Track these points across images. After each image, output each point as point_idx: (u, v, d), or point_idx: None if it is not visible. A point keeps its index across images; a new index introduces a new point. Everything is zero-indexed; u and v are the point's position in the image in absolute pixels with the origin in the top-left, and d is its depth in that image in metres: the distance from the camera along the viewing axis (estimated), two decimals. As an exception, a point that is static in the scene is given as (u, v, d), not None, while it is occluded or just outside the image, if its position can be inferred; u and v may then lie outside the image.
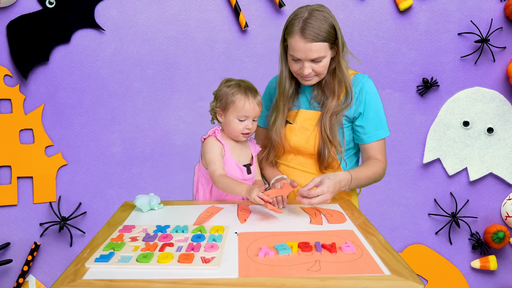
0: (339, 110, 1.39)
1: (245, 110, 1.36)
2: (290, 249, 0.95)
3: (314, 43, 1.29)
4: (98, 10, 2.14)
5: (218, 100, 1.41)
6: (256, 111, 1.38)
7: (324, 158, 1.40)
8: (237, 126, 1.38)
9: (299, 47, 1.30)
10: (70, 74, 2.16)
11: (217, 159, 1.35)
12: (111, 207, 2.18)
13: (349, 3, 2.19)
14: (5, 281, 2.19)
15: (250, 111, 1.36)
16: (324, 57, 1.32)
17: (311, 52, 1.30)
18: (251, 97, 1.36)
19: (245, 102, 1.35)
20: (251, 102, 1.36)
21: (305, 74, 1.34)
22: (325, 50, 1.31)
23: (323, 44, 1.30)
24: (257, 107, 1.37)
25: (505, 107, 2.24)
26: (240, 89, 1.37)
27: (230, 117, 1.38)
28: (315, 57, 1.31)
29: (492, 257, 2.27)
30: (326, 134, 1.38)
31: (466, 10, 2.19)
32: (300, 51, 1.31)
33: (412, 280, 0.82)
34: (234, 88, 1.37)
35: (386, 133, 1.44)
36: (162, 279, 0.84)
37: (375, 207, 2.27)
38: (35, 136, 2.16)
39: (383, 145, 1.44)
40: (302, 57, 1.32)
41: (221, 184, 1.30)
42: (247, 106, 1.36)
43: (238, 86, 1.38)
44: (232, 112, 1.37)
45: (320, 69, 1.34)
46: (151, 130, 2.21)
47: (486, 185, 2.29)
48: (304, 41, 1.29)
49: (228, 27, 2.19)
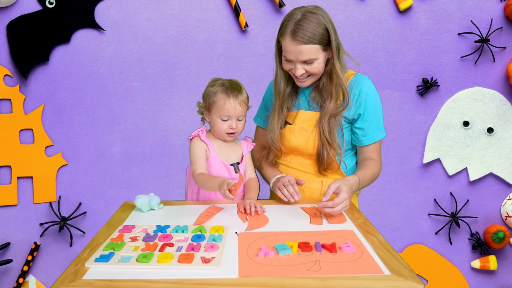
0: (337, 112, 1.39)
1: (225, 109, 1.35)
2: (290, 249, 0.95)
3: (304, 45, 1.28)
4: (98, 10, 2.14)
5: (204, 100, 1.42)
6: (238, 111, 1.36)
7: (324, 160, 1.40)
8: (221, 126, 1.38)
9: (290, 49, 1.31)
10: (70, 74, 2.16)
11: (198, 159, 1.36)
12: (111, 207, 2.18)
13: (349, 3, 2.19)
14: (5, 281, 2.19)
15: (231, 110, 1.35)
16: (316, 59, 1.32)
17: (301, 54, 1.30)
18: (232, 97, 1.35)
19: (226, 101, 1.35)
20: (231, 102, 1.35)
21: (298, 74, 1.34)
22: (317, 52, 1.31)
23: (314, 46, 1.29)
24: (238, 107, 1.36)
25: (505, 107, 2.24)
26: (223, 89, 1.36)
27: (213, 116, 1.39)
28: (306, 59, 1.31)
29: (492, 257, 2.27)
30: (325, 136, 1.38)
31: (466, 10, 2.19)
32: (291, 53, 1.31)
33: (412, 280, 0.82)
34: (217, 88, 1.38)
35: (382, 135, 1.45)
36: (162, 279, 0.84)
37: (375, 207, 2.27)
38: (35, 136, 2.16)
39: (380, 146, 1.47)
40: (293, 58, 1.32)
41: (199, 182, 1.34)
42: (228, 106, 1.35)
43: (221, 86, 1.37)
44: (215, 112, 1.38)
45: (313, 70, 1.34)
46: (151, 130, 2.21)
47: (486, 185, 2.29)
48: (295, 43, 1.29)
49: (228, 27, 2.19)
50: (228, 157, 1.42)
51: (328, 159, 1.39)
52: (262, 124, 1.59)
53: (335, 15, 2.18)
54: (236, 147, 1.47)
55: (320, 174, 1.44)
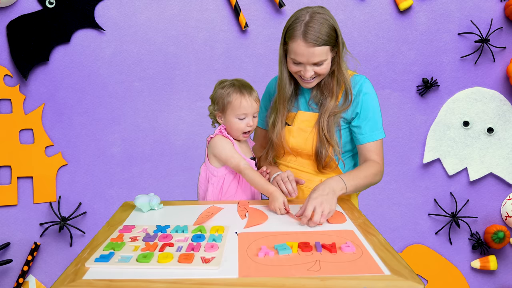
0: (337, 111, 1.39)
1: (242, 107, 1.36)
2: (290, 249, 0.95)
3: (317, 47, 1.28)
4: (98, 10, 2.14)
5: (215, 103, 1.42)
6: (254, 107, 1.38)
7: (322, 158, 1.40)
8: (238, 125, 1.39)
9: (301, 51, 1.29)
10: (70, 74, 2.16)
11: (234, 152, 1.38)
12: (111, 207, 2.18)
13: (349, 3, 2.19)
14: (5, 281, 2.19)
15: (248, 108, 1.37)
16: (326, 60, 1.32)
17: (313, 56, 1.29)
18: (247, 94, 1.37)
19: (242, 99, 1.36)
20: (247, 99, 1.37)
21: (308, 76, 1.33)
22: (327, 53, 1.31)
23: (325, 47, 1.29)
24: (254, 103, 1.38)
25: (505, 107, 2.24)
26: (235, 88, 1.38)
27: (229, 117, 1.39)
28: (317, 61, 1.30)
29: (492, 257, 2.27)
30: (324, 134, 1.38)
31: (466, 10, 2.19)
32: (302, 55, 1.30)
33: (412, 280, 0.82)
34: (229, 89, 1.38)
35: (381, 135, 1.42)
36: (162, 279, 0.84)
37: (375, 207, 2.27)
38: (35, 136, 2.16)
39: (380, 147, 1.43)
40: (304, 61, 1.31)
41: (248, 176, 1.33)
42: (244, 104, 1.36)
43: (233, 86, 1.39)
44: (231, 112, 1.38)
45: (322, 71, 1.34)
46: (151, 130, 2.21)
47: (486, 185, 2.29)
48: (307, 46, 1.27)
49: (228, 27, 2.19)
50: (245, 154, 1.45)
51: (326, 157, 1.39)
52: (261, 124, 1.59)
53: (335, 15, 2.17)
54: (247, 145, 1.49)
55: (319, 172, 1.44)
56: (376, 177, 1.39)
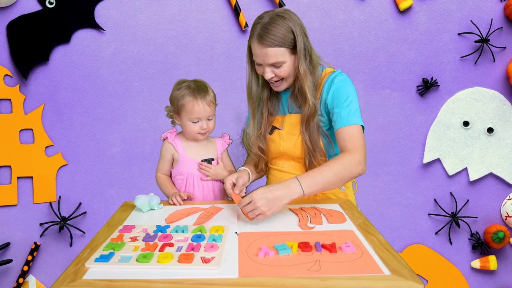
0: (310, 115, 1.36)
1: (195, 112, 1.38)
2: (290, 249, 0.95)
3: (269, 48, 1.28)
4: (98, 10, 2.14)
5: (172, 104, 1.43)
6: (206, 111, 1.39)
7: (312, 162, 1.39)
8: (192, 128, 1.41)
9: (256, 52, 1.32)
10: (70, 74, 2.16)
11: (160, 162, 1.52)
12: (111, 207, 2.18)
13: (349, 3, 2.19)
14: (5, 281, 2.19)
15: (200, 112, 1.38)
16: (284, 62, 1.32)
17: (267, 56, 1.30)
18: (200, 99, 1.38)
19: (194, 104, 1.38)
20: (199, 104, 1.38)
21: (267, 78, 1.34)
22: (283, 55, 1.30)
23: (279, 49, 1.29)
24: (207, 107, 1.39)
25: (505, 107, 2.24)
26: (189, 91, 1.39)
27: (183, 120, 1.42)
28: (272, 62, 1.31)
29: (492, 257, 2.27)
30: (307, 144, 1.37)
31: (466, 10, 2.19)
32: (257, 56, 1.32)
33: (412, 280, 0.82)
34: (183, 91, 1.40)
35: (357, 121, 1.30)
36: (162, 279, 0.84)
37: (375, 207, 2.27)
38: (35, 136, 2.16)
39: (357, 135, 1.29)
40: (260, 61, 1.32)
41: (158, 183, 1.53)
42: (196, 108, 1.38)
43: (188, 88, 1.40)
44: (185, 116, 1.40)
45: (281, 73, 1.33)
46: (151, 130, 2.21)
47: (486, 185, 2.29)
48: (260, 46, 1.29)
49: (228, 27, 2.19)
50: (201, 156, 1.46)
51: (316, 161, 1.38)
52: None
53: (335, 15, 2.18)
54: (210, 145, 1.50)
55: None
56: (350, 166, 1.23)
